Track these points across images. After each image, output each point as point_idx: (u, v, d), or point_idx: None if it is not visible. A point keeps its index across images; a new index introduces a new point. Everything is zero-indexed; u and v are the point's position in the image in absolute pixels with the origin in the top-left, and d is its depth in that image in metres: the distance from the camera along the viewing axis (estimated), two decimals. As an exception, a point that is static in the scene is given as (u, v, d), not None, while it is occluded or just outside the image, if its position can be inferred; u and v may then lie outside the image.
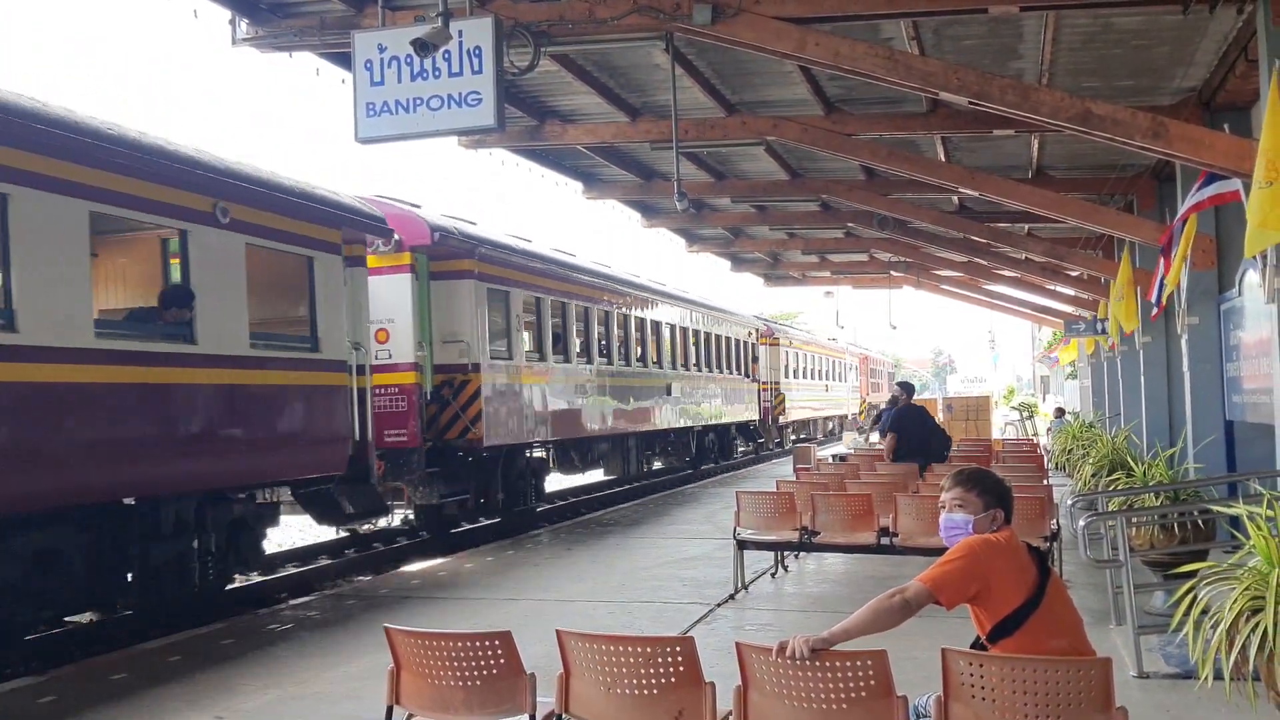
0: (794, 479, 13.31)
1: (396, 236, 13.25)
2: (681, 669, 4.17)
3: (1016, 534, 4.21)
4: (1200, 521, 8.32)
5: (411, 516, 15.74)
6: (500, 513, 16.13)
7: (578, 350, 18.62)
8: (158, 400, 9.15)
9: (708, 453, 27.75)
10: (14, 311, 7.75)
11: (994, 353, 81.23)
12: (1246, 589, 4.73)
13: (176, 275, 9.85)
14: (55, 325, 8.11)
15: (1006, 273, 25.39)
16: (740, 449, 31.83)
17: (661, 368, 22.77)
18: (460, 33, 7.96)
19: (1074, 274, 23.01)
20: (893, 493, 9.92)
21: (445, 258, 14.42)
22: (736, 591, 9.87)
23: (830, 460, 18.92)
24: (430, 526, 15.47)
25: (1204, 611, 5.00)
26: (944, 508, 4.26)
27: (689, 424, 25.06)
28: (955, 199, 17.98)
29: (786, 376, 35.03)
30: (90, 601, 9.71)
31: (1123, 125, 8.36)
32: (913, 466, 13.07)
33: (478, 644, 4.41)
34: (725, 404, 27.93)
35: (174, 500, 9.60)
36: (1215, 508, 7.74)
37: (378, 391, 12.86)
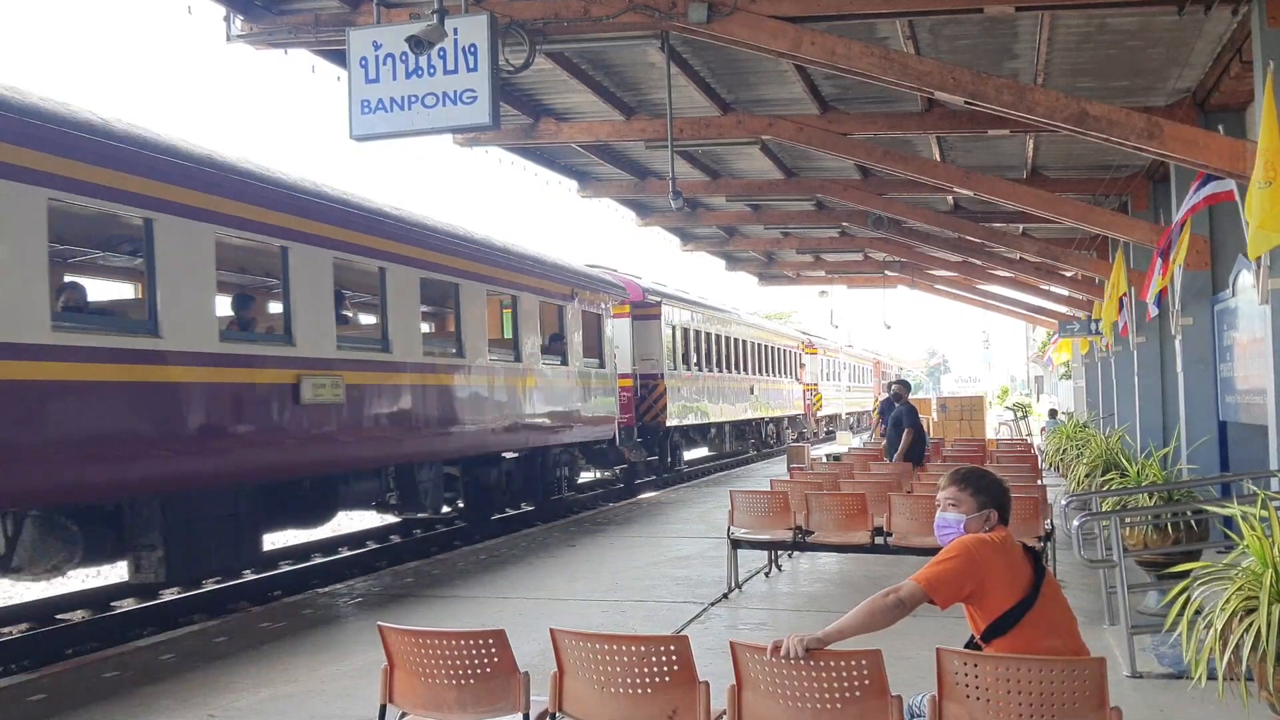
0: (788, 478, 13.32)
1: (627, 295, 20.97)
2: (675, 668, 4.17)
3: (1011, 534, 4.21)
4: (1194, 522, 8.33)
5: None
6: (670, 469, 24.63)
7: (715, 362, 27.35)
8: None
9: (769, 437, 35.73)
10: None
11: (987, 352, 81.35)
12: (1240, 589, 4.73)
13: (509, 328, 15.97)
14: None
15: (1001, 273, 25.44)
16: (790, 436, 38.28)
17: (746, 373, 30.71)
18: (455, 30, 7.94)
19: (1068, 274, 23.07)
20: (887, 492, 9.93)
21: (647, 305, 22.74)
22: (730, 591, 9.86)
23: (824, 460, 18.93)
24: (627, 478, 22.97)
25: (1197, 612, 5.00)
26: (939, 506, 4.26)
27: (762, 415, 33.38)
28: (950, 199, 18.00)
29: (823, 380, 43.27)
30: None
31: (1118, 126, 8.37)
32: (906, 465, 13.09)
33: (471, 642, 4.40)
34: (782, 400, 36.14)
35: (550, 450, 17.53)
36: (1209, 508, 7.76)
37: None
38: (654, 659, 4.18)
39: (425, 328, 14.06)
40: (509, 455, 15.92)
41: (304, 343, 10.53)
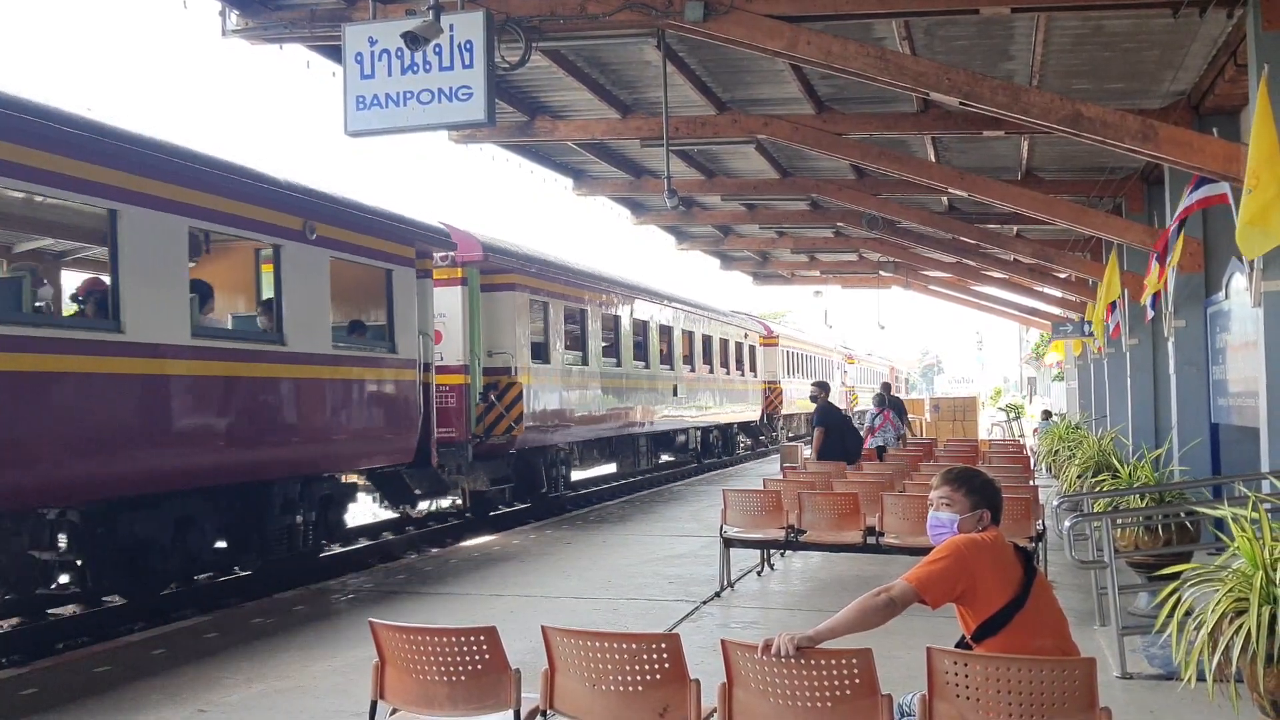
0: (780, 477, 13.33)
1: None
2: (667, 666, 4.17)
3: (1003, 535, 4.21)
4: (1185, 523, 8.35)
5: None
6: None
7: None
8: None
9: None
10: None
11: (980, 353, 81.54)
12: (1230, 591, 4.75)
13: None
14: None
15: (995, 274, 25.48)
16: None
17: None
18: (451, 26, 7.95)
19: (1062, 276, 23.11)
20: (879, 492, 9.94)
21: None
22: (723, 589, 9.87)
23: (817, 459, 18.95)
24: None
25: (1188, 613, 5.01)
26: (932, 506, 4.26)
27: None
28: (945, 199, 18.03)
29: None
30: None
31: (1112, 128, 8.39)
32: (901, 465, 13.13)
33: (463, 639, 4.39)
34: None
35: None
36: (1200, 510, 7.76)
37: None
38: (645, 657, 4.19)
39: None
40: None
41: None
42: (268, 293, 11.37)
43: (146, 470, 9.26)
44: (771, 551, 11.00)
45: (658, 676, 4.17)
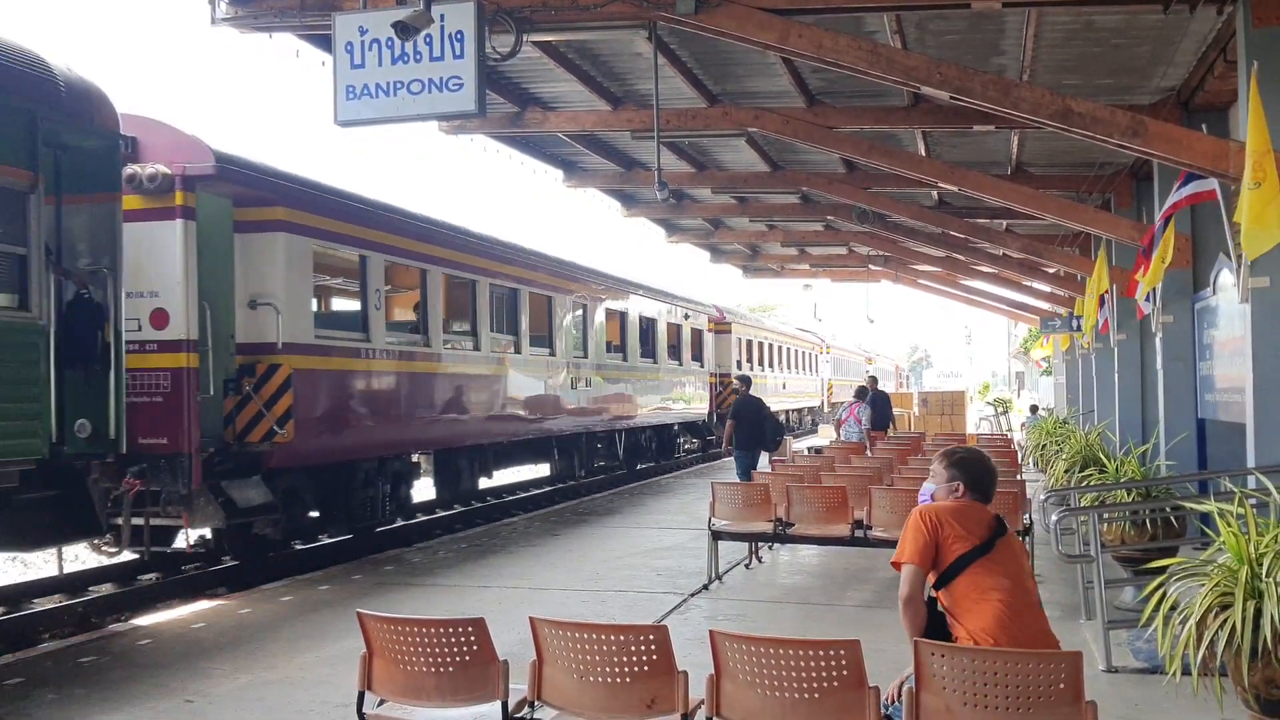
0: (769, 470, 13.35)
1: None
2: (655, 657, 4.18)
3: (978, 505, 4.49)
4: (1171, 518, 8.39)
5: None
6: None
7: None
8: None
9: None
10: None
11: (969, 348, 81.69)
12: (1216, 585, 4.78)
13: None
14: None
15: (984, 268, 25.51)
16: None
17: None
18: (442, 16, 7.91)
19: (1051, 271, 23.15)
20: (868, 485, 9.96)
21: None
22: (710, 582, 9.89)
23: (805, 452, 18.99)
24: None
25: (1173, 607, 5.04)
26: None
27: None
28: (935, 194, 18.04)
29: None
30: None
31: (1102, 123, 8.40)
32: (889, 458, 13.17)
33: (451, 630, 4.40)
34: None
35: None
36: (1186, 504, 7.81)
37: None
38: (633, 648, 4.20)
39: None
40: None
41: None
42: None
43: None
44: (760, 544, 11.02)
45: (645, 668, 4.18)
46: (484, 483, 17.65)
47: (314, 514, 12.66)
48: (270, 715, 6.21)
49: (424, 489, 15.90)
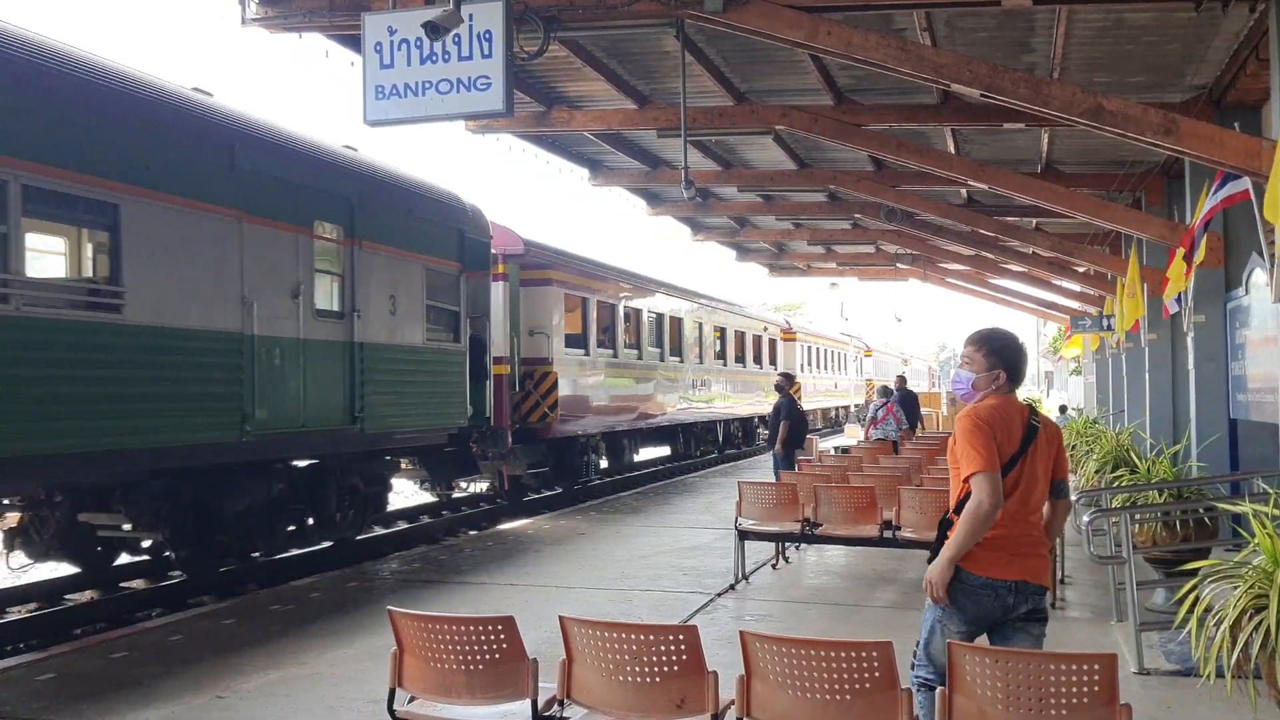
0: (795, 470, 13.32)
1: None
2: (684, 657, 4.17)
3: (1014, 401, 4.47)
4: (1204, 519, 8.32)
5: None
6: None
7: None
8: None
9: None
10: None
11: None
12: (1250, 588, 4.72)
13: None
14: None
15: (1013, 267, 25.36)
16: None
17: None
18: (470, 16, 7.93)
19: (1081, 270, 22.99)
20: (896, 485, 9.91)
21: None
22: (737, 582, 9.87)
23: (832, 452, 18.93)
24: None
25: (1207, 610, 4.99)
26: (958, 364, 4.65)
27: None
28: (964, 192, 17.95)
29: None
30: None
31: (1134, 121, 8.34)
32: (917, 458, 13.12)
33: (481, 628, 4.41)
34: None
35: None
36: (1219, 505, 7.75)
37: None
38: (663, 648, 4.19)
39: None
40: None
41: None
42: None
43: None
44: (786, 544, 10.99)
45: (675, 668, 4.17)
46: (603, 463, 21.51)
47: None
48: (300, 711, 6.25)
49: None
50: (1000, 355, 4.46)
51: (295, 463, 11.26)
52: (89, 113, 8.10)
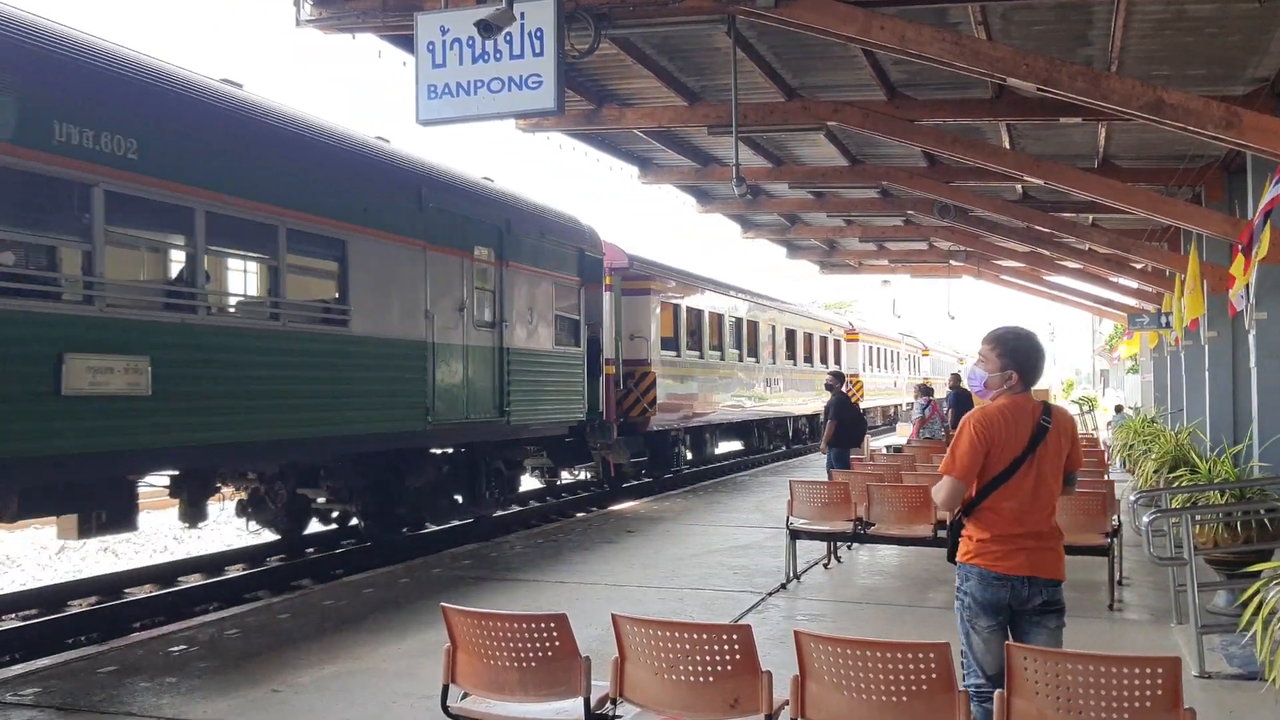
0: (848, 469, 13.23)
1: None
2: (738, 657, 4.15)
3: (1030, 400, 4.54)
4: (1266, 521, 8.15)
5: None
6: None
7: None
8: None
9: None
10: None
11: (1052, 345, 80.00)
12: (1318, 591, 4.62)
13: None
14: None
15: (1069, 264, 25.01)
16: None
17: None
18: (522, 15, 7.95)
19: (1138, 266, 22.61)
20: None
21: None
22: (788, 581, 9.81)
23: (885, 451, 18.79)
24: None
25: (1272, 612, 4.88)
26: (977, 360, 4.74)
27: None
28: (1019, 188, 17.71)
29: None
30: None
31: (1195, 115, 8.18)
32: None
33: (534, 625, 4.41)
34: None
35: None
36: (1284, 507, 7.58)
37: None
38: (716, 647, 4.17)
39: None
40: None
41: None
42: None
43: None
44: (838, 544, 10.92)
45: (729, 667, 4.15)
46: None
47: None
48: (355, 706, 6.30)
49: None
50: (1013, 356, 4.53)
51: (447, 450, 13.34)
52: (330, 169, 10.43)
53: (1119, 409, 30.08)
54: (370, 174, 11.00)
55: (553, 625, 4.42)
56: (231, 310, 9.98)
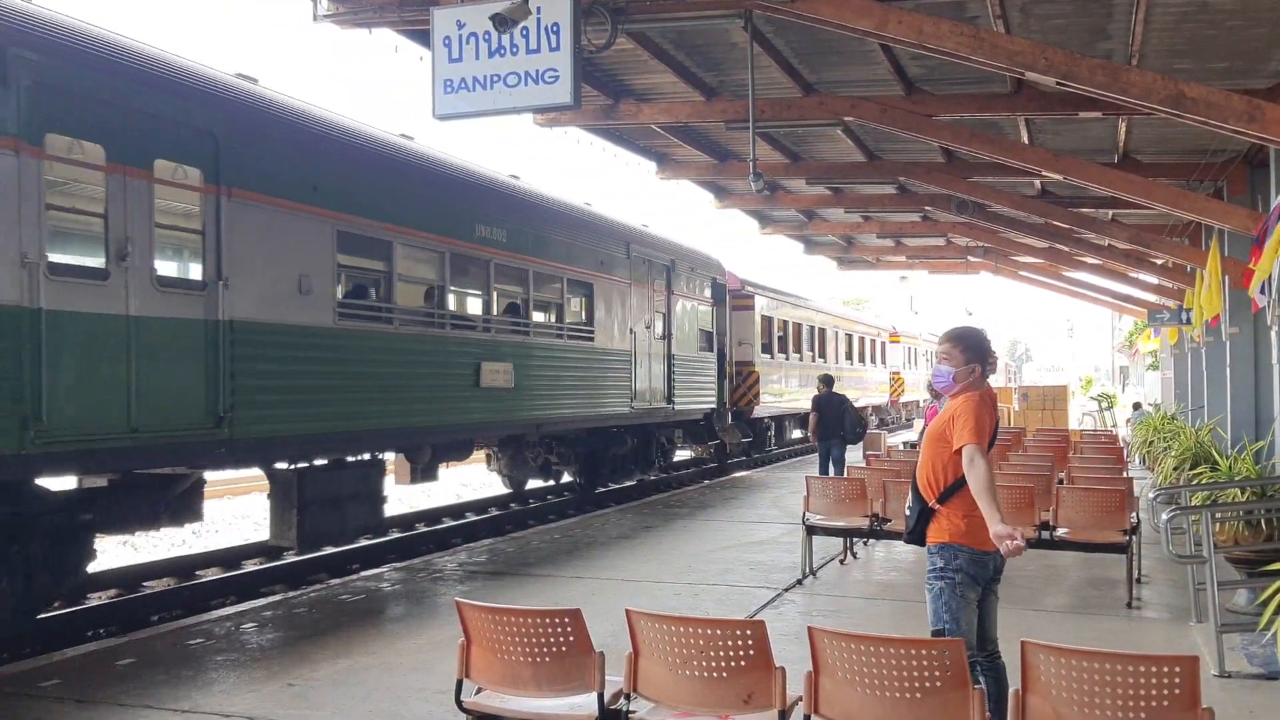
0: (864, 465, 13.18)
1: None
2: (752, 652, 4.13)
3: (990, 390, 5.10)
4: (1287, 519, 8.08)
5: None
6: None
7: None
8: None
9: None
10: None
11: (1071, 341, 79.63)
12: (1340, 590, 4.57)
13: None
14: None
15: (1088, 259, 24.81)
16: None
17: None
18: (538, 9, 7.94)
19: (1158, 262, 22.43)
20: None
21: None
22: (804, 577, 9.79)
23: (901, 447, 18.72)
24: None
25: (1293, 611, 4.83)
26: (936, 359, 5.19)
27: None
28: (1037, 183, 17.59)
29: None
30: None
31: (1217, 108, 8.09)
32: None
33: (547, 620, 4.41)
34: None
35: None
36: (1305, 504, 7.51)
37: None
38: (730, 643, 4.16)
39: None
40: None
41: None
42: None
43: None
44: (854, 540, 10.88)
45: (742, 663, 4.13)
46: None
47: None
48: (370, 700, 6.31)
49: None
50: (975, 351, 5.06)
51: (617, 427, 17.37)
52: (586, 237, 15.31)
53: (1137, 406, 29.91)
54: (603, 235, 15.80)
55: (566, 620, 4.41)
56: (540, 333, 14.02)
